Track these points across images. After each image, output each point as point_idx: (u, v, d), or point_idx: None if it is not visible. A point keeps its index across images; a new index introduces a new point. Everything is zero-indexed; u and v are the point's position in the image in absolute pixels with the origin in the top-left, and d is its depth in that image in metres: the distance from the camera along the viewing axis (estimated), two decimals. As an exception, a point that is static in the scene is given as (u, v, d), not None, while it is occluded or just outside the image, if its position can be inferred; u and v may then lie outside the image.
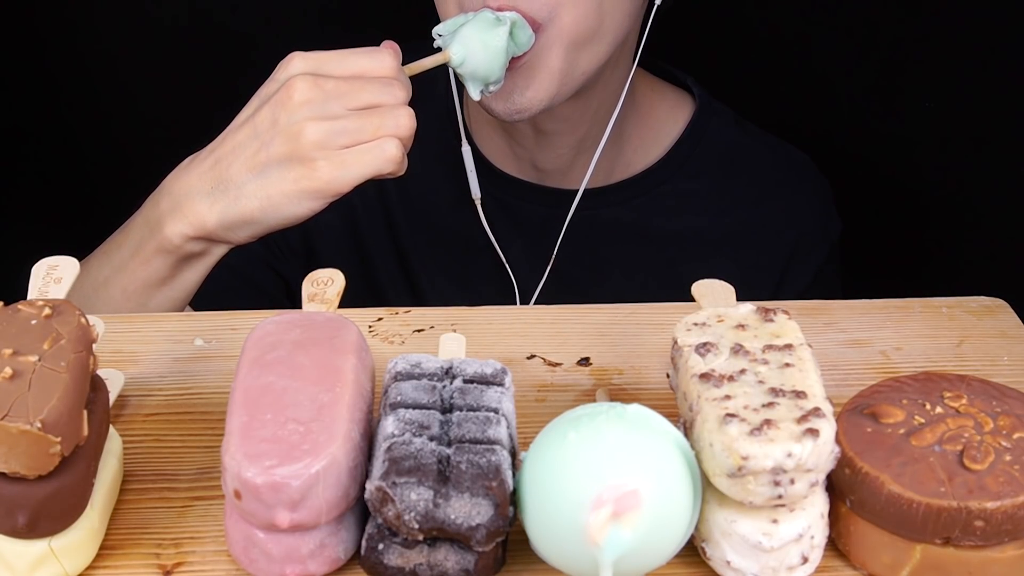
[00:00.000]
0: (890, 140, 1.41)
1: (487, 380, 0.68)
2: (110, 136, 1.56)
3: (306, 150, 0.87)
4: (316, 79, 0.88)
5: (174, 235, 0.93)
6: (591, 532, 0.59)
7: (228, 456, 0.62)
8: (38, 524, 0.62)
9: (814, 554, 0.64)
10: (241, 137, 0.91)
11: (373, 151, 0.87)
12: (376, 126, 0.87)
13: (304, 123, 0.87)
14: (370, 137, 0.87)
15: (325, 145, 0.87)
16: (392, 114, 0.88)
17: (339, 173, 0.87)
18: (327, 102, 0.88)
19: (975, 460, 0.63)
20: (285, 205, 0.90)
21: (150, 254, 0.95)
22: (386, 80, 0.89)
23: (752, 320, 0.70)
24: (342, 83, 0.88)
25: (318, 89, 0.88)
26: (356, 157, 0.87)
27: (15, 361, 0.62)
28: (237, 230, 0.92)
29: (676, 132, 1.19)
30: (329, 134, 0.87)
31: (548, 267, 1.14)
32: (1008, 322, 0.88)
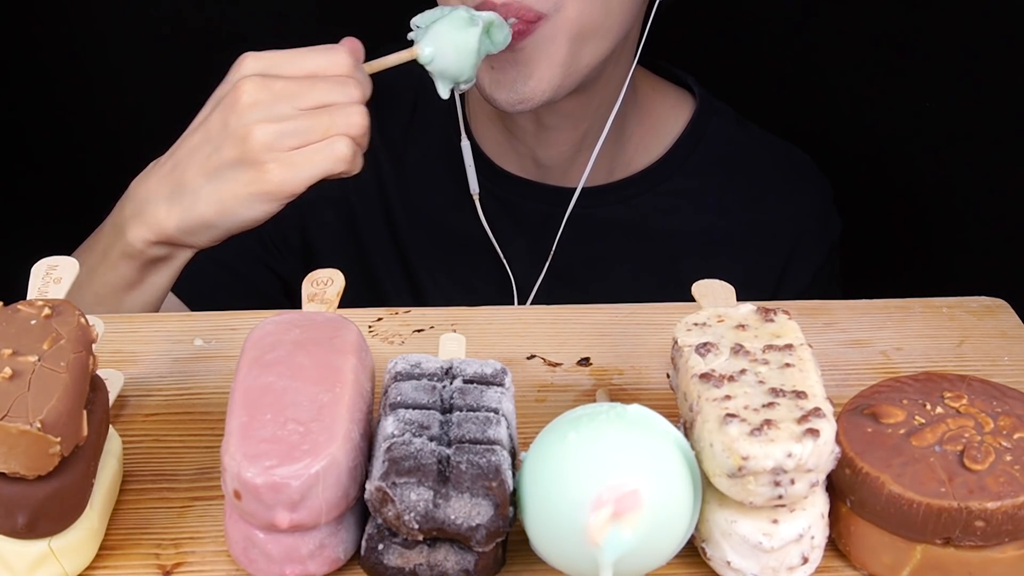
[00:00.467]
0: (890, 140, 1.42)
1: (487, 380, 0.68)
2: (110, 137, 1.56)
3: (255, 153, 0.86)
4: (264, 80, 0.87)
5: (136, 240, 0.93)
6: (591, 532, 0.59)
7: (228, 456, 0.61)
8: (38, 524, 0.62)
9: (814, 554, 0.64)
10: (195, 141, 0.91)
11: (323, 151, 0.86)
12: (326, 125, 0.86)
13: (252, 125, 0.86)
14: (320, 137, 0.86)
15: (273, 147, 0.86)
16: (342, 112, 0.86)
17: (289, 175, 0.86)
18: (276, 103, 0.87)
19: (975, 460, 0.63)
20: (239, 209, 0.89)
21: (116, 259, 0.95)
22: (339, 78, 0.87)
23: (752, 320, 0.70)
24: (291, 83, 0.87)
25: (266, 90, 0.87)
26: (306, 158, 0.86)
27: (15, 361, 0.62)
28: (196, 234, 0.92)
29: (677, 131, 1.19)
30: (277, 135, 0.86)
31: (546, 264, 1.14)
32: (1008, 322, 0.88)
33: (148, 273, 0.95)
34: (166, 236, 0.92)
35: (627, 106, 1.15)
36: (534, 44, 0.99)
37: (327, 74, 0.88)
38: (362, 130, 0.87)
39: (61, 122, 1.56)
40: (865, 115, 1.43)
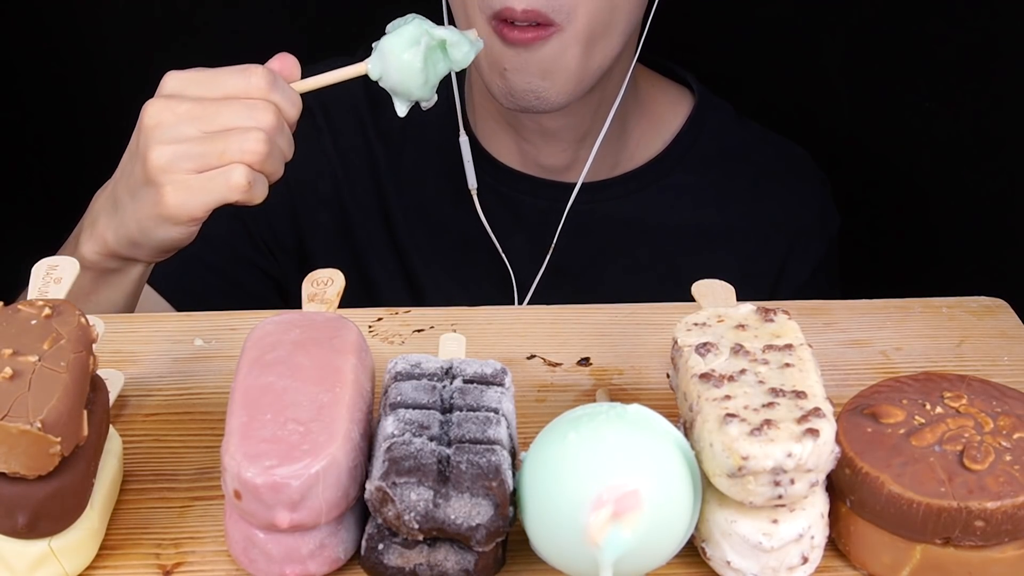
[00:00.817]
0: (890, 139, 1.41)
1: (487, 380, 0.68)
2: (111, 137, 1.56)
3: (153, 174, 0.85)
4: (169, 101, 0.85)
5: (88, 252, 0.93)
6: (591, 532, 0.59)
7: (228, 456, 0.62)
8: (38, 524, 0.62)
9: (814, 554, 0.64)
10: (125, 158, 0.91)
11: (217, 178, 0.84)
12: (220, 151, 0.83)
13: (149, 147, 0.85)
14: (216, 163, 0.84)
15: (169, 170, 0.84)
16: (239, 138, 0.83)
17: (184, 199, 0.84)
18: (179, 125, 0.84)
19: (975, 460, 0.63)
20: (153, 229, 0.88)
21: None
22: (250, 102, 0.84)
23: (752, 320, 0.70)
24: (197, 105, 0.85)
25: (169, 112, 0.85)
26: (201, 183, 0.84)
27: (15, 361, 0.62)
28: (133, 250, 0.91)
29: (676, 127, 1.20)
30: (172, 158, 0.84)
31: (546, 259, 1.14)
32: (1008, 322, 0.88)
33: (101, 285, 0.95)
34: (110, 250, 0.92)
35: (628, 103, 1.15)
36: (550, 54, 1.01)
37: (240, 96, 0.85)
38: (258, 157, 0.83)
39: (61, 122, 1.56)
40: (865, 115, 1.43)
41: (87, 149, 1.57)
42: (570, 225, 1.15)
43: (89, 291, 0.94)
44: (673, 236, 1.18)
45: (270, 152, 0.84)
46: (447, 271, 1.18)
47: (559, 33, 1.00)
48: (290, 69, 0.88)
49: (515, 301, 1.16)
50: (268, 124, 0.84)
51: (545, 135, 1.14)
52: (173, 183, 0.84)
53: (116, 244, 0.91)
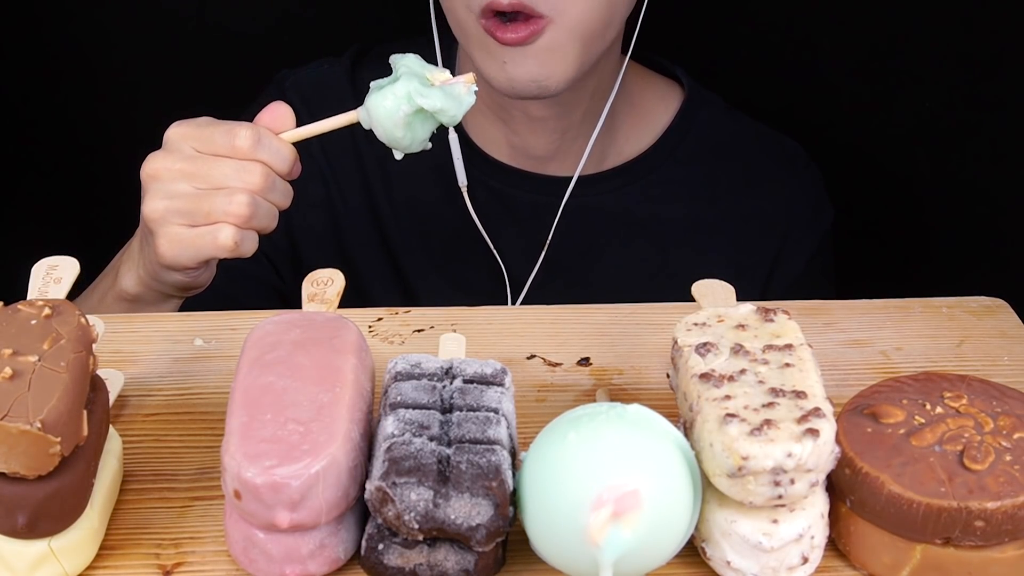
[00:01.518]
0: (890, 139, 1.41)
1: (487, 380, 0.68)
2: (110, 137, 1.56)
3: (149, 225, 0.88)
4: (167, 156, 0.88)
5: (128, 284, 0.96)
6: (591, 532, 0.59)
7: (228, 456, 0.62)
8: (38, 524, 0.62)
9: (814, 554, 0.64)
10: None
11: (206, 236, 0.86)
12: (207, 211, 0.86)
13: (145, 200, 0.88)
14: (204, 220, 0.86)
15: (162, 222, 0.87)
16: (224, 200, 0.85)
17: (177, 251, 0.88)
18: (173, 181, 0.87)
19: (975, 460, 0.63)
20: (159, 273, 0.92)
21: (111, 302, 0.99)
22: (238, 163, 0.86)
23: (752, 320, 0.70)
24: (190, 163, 0.87)
25: (164, 167, 0.87)
26: (191, 238, 0.87)
27: (15, 361, 0.62)
28: (161, 286, 0.94)
29: (666, 120, 1.20)
30: (165, 213, 0.87)
31: (542, 255, 1.14)
32: (1008, 322, 0.88)
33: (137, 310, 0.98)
34: (145, 284, 0.95)
35: (617, 95, 1.15)
36: (547, 47, 1.01)
37: (229, 154, 0.87)
38: (243, 219, 0.85)
39: (62, 122, 1.56)
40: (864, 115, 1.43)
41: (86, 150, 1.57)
42: (563, 219, 1.15)
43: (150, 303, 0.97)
44: (665, 230, 1.18)
45: (255, 213, 0.86)
46: (439, 269, 1.18)
47: (551, 26, 1.00)
48: (282, 120, 0.89)
49: (508, 296, 1.16)
50: (254, 185, 0.86)
51: (532, 122, 1.14)
52: (167, 235, 0.87)
53: (148, 278, 0.94)
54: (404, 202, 1.19)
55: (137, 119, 1.54)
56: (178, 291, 0.95)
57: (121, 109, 1.55)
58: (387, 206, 1.19)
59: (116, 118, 1.55)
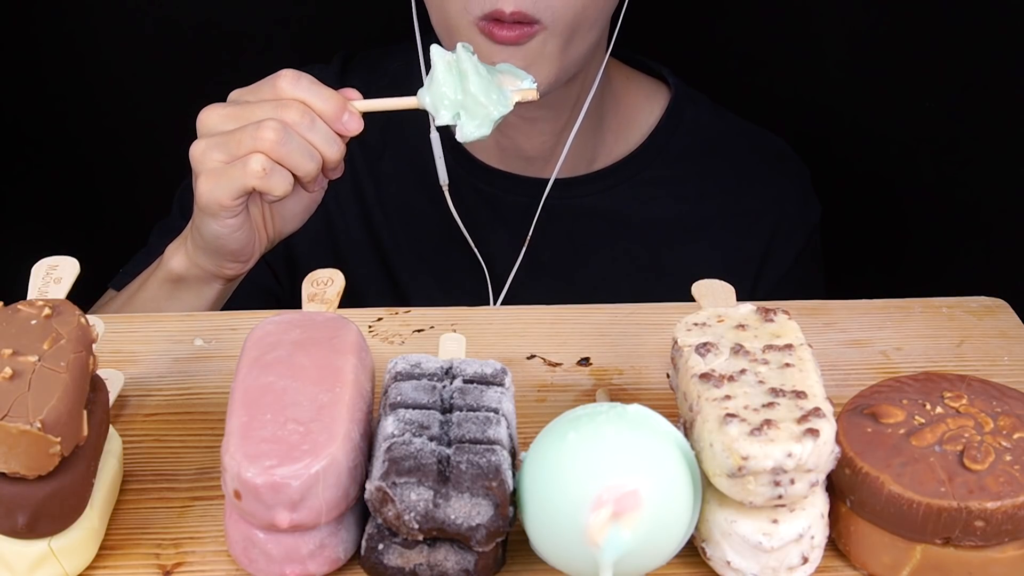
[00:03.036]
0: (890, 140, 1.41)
1: (487, 380, 0.68)
2: (110, 137, 1.56)
3: (194, 168, 0.91)
4: (217, 106, 0.92)
5: (176, 264, 0.98)
6: (591, 532, 0.59)
7: (228, 456, 0.62)
8: (38, 524, 0.62)
9: (814, 554, 0.64)
10: None
11: (238, 166, 0.88)
12: (239, 140, 0.89)
13: (193, 144, 0.91)
14: (237, 152, 0.89)
15: (203, 161, 0.90)
16: (254, 129, 0.88)
17: (212, 187, 0.90)
18: (217, 124, 0.90)
19: (975, 460, 0.63)
20: (200, 225, 0.93)
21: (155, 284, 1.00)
22: (279, 102, 0.89)
23: (752, 320, 0.70)
24: (235, 107, 0.91)
25: (216, 114, 0.91)
26: (226, 172, 0.89)
27: (15, 361, 0.62)
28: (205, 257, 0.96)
29: (653, 119, 1.20)
30: (206, 149, 0.90)
31: (520, 255, 1.14)
32: (1008, 322, 0.88)
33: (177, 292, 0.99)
34: (191, 260, 0.97)
35: (603, 97, 1.16)
36: (536, 50, 1.01)
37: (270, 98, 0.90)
38: (270, 144, 0.87)
39: (61, 121, 1.56)
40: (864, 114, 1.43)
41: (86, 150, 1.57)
42: (549, 221, 1.15)
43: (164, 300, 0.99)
44: (654, 230, 1.18)
45: (284, 142, 0.88)
46: (428, 270, 1.19)
47: (543, 31, 1.01)
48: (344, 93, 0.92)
49: (490, 297, 1.16)
50: (287, 117, 0.88)
51: (522, 124, 1.14)
52: (205, 174, 0.90)
53: (193, 252, 0.97)
54: (394, 204, 1.19)
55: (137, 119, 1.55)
56: (218, 261, 0.96)
57: (120, 109, 1.55)
58: (378, 208, 1.19)
59: (115, 118, 1.55)
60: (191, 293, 0.99)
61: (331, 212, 1.19)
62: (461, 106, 0.90)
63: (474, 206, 1.17)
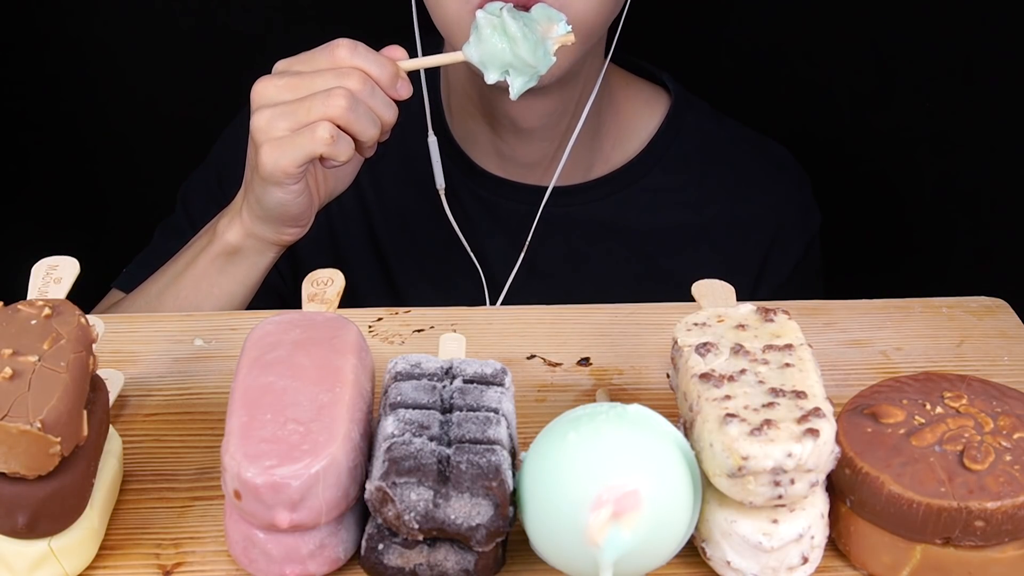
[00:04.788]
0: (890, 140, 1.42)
1: (487, 380, 0.68)
2: (111, 136, 1.56)
3: (257, 138, 0.92)
4: (278, 76, 0.93)
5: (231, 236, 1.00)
6: (591, 532, 0.59)
7: (228, 456, 0.62)
8: (38, 524, 0.62)
9: (814, 554, 0.64)
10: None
11: (306, 134, 0.90)
12: (307, 108, 0.91)
13: (254, 114, 0.93)
14: (306, 120, 0.91)
15: (267, 131, 0.92)
16: (323, 97, 0.90)
17: (277, 156, 0.91)
18: (279, 94, 0.92)
19: (975, 460, 0.63)
20: (262, 195, 0.95)
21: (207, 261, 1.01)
22: (337, 70, 0.92)
23: (752, 320, 0.70)
24: (295, 77, 0.92)
25: (273, 85, 0.93)
26: (292, 140, 0.91)
27: (15, 361, 0.62)
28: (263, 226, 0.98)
29: (653, 126, 1.20)
30: (271, 120, 0.92)
31: (518, 261, 1.14)
32: (1008, 322, 0.88)
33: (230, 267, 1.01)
34: (247, 230, 0.99)
35: (602, 104, 1.15)
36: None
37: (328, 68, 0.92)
38: (340, 111, 0.90)
39: (63, 122, 1.56)
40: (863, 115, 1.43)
41: (87, 150, 1.57)
42: (549, 229, 1.15)
43: (216, 275, 1.00)
44: (653, 237, 1.18)
45: (352, 109, 0.90)
46: (425, 274, 1.19)
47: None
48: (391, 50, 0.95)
49: (487, 303, 1.16)
50: (352, 85, 0.91)
51: (520, 135, 1.14)
52: (269, 142, 0.92)
53: (251, 222, 0.98)
54: (394, 206, 1.19)
55: (139, 119, 1.55)
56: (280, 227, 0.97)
57: (121, 109, 1.55)
58: (377, 209, 1.19)
59: (116, 118, 1.56)
60: (247, 264, 1.00)
61: (332, 213, 1.19)
62: (510, 65, 0.92)
63: (473, 212, 1.17)
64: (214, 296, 1.01)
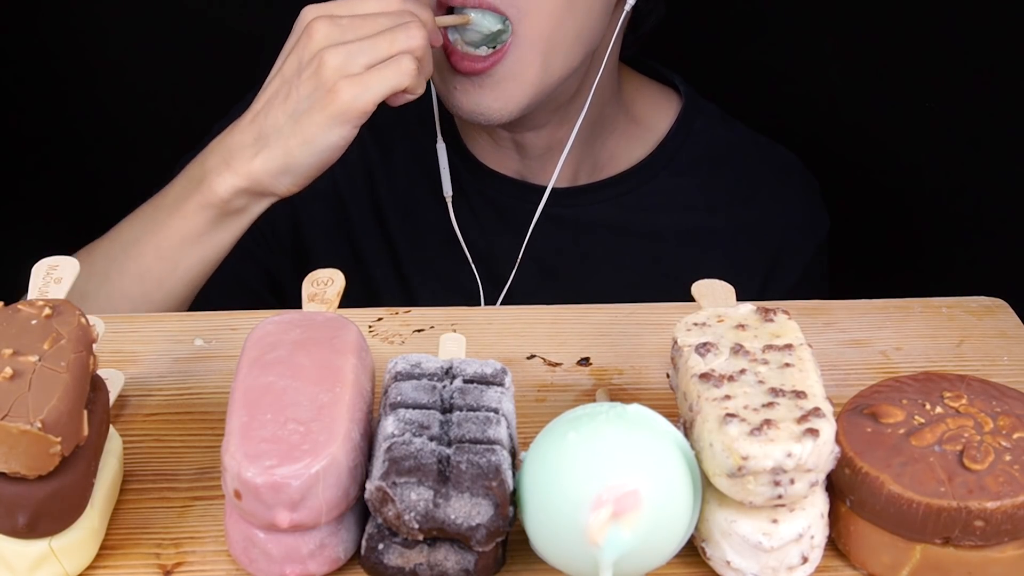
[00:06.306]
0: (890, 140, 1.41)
1: (487, 380, 0.68)
2: (112, 136, 1.56)
3: (329, 78, 0.92)
4: (332, 18, 0.94)
5: (222, 188, 0.97)
6: (591, 532, 0.59)
7: (228, 456, 0.62)
8: (38, 524, 0.62)
9: (814, 554, 0.64)
10: (273, 88, 0.97)
11: (391, 67, 0.92)
12: (389, 42, 0.92)
13: (324, 53, 0.92)
14: (386, 54, 0.92)
15: (345, 69, 0.92)
16: (403, 32, 0.92)
17: (359, 91, 0.92)
18: (344, 34, 0.93)
19: (975, 460, 0.63)
20: (318, 136, 0.94)
21: (192, 209, 0.99)
22: (396, 13, 0.94)
23: (752, 320, 0.70)
24: (355, 19, 0.94)
25: (335, 26, 0.94)
26: (375, 75, 0.92)
27: (15, 361, 0.62)
28: (280, 176, 0.96)
29: (663, 129, 1.20)
30: (348, 57, 0.92)
31: (517, 261, 1.14)
32: (1008, 322, 0.88)
33: (220, 225, 0.99)
34: (253, 180, 0.96)
35: (611, 105, 1.15)
36: (507, 68, 1.02)
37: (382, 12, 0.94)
38: (422, 45, 0.92)
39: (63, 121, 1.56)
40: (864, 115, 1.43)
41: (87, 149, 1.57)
42: (556, 229, 1.15)
43: (204, 232, 0.98)
44: (661, 239, 1.18)
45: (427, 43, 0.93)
46: (436, 275, 1.19)
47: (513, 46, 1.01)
48: None
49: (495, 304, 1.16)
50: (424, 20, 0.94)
51: (518, 145, 1.15)
52: (348, 78, 0.92)
53: (265, 171, 0.96)
54: (404, 204, 1.19)
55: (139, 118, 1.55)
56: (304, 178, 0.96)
57: (122, 109, 1.55)
58: (390, 207, 1.19)
59: (117, 117, 1.55)
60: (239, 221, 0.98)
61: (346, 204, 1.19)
62: None
63: (481, 211, 1.17)
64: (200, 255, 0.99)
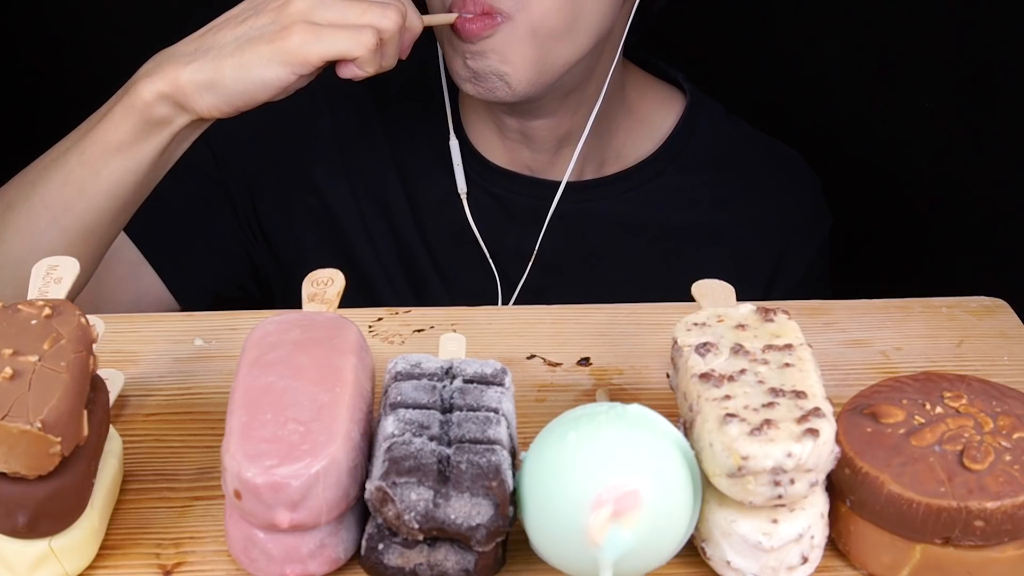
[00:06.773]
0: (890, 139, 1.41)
1: (487, 380, 0.68)
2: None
3: (289, 16, 0.92)
4: None
5: (146, 91, 0.95)
6: (591, 532, 0.59)
7: (228, 456, 0.62)
8: (38, 524, 0.62)
9: (814, 554, 0.64)
10: (236, 10, 0.97)
11: (351, 32, 0.91)
12: (361, 11, 0.92)
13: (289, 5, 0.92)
14: (354, 22, 0.91)
15: (308, 15, 0.91)
16: (380, 8, 0.92)
17: (310, 39, 0.91)
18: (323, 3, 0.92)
19: (975, 460, 0.63)
20: (254, 66, 0.92)
21: (118, 114, 0.97)
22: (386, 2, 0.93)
23: (752, 320, 0.70)
24: None
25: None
26: (331, 31, 0.91)
27: (15, 361, 0.62)
28: (204, 91, 0.94)
29: (668, 126, 1.20)
30: (316, 6, 0.92)
31: (532, 259, 1.14)
32: (1008, 322, 0.88)
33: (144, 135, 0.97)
34: (176, 86, 0.94)
35: (615, 102, 1.15)
36: (502, 42, 1.02)
37: None
38: (392, 27, 0.91)
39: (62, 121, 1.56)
40: (864, 115, 1.43)
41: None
42: (561, 225, 1.15)
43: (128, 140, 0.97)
44: (666, 236, 1.18)
45: (398, 33, 0.93)
46: (448, 271, 1.19)
47: (508, 23, 1.01)
48: None
49: (499, 300, 1.16)
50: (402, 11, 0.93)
51: (526, 137, 1.14)
52: (305, 23, 0.91)
53: (188, 83, 0.94)
54: (412, 200, 1.19)
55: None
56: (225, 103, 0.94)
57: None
58: (397, 202, 1.19)
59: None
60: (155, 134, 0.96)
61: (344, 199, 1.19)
62: None
63: (489, 208, 1.17)
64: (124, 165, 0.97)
